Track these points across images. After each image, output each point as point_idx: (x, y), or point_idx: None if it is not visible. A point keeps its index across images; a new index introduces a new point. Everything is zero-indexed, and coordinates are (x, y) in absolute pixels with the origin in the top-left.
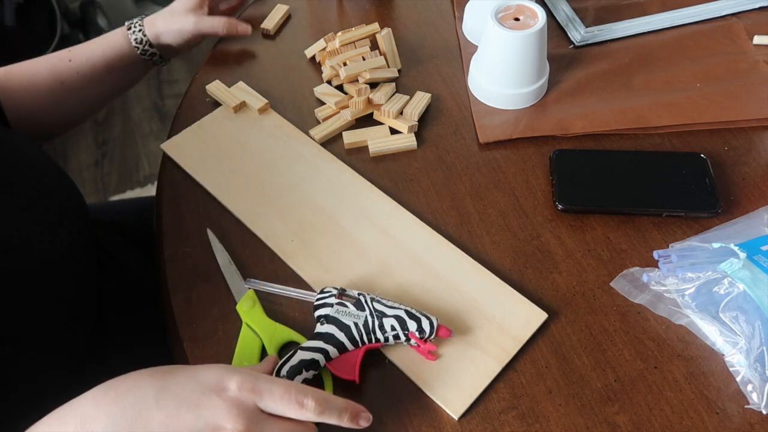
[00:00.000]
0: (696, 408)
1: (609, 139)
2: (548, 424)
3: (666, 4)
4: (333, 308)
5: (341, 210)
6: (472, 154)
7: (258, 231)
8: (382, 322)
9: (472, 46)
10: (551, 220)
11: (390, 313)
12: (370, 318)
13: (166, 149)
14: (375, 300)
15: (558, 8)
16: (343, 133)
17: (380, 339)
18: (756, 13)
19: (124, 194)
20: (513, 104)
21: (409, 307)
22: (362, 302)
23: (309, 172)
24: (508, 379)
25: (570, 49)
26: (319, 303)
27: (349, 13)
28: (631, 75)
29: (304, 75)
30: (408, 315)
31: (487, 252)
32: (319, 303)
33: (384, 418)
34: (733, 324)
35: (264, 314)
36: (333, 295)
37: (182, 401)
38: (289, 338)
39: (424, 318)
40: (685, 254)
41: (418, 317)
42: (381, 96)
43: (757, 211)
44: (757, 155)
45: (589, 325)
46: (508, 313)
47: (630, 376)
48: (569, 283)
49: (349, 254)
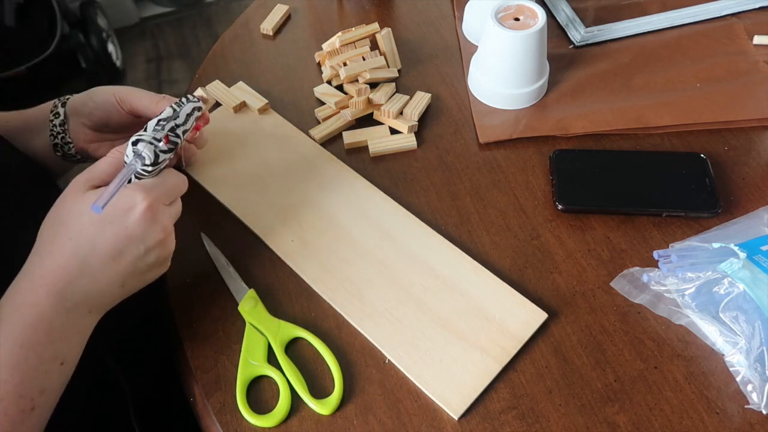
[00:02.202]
0: (696, 408)
1: (609, 139)
2: (548, 424)
3: (666, 4)
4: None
5: (341, 210)
6: (472, 154)
7: (258, 231)
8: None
9: (472, 46)
10: (551, 220)
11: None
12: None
13: None
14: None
15: (558, 8)
16: (343, 133)
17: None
18: (756, 13)
19: None
20: (513, 104)
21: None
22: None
23: (309, 172)
24: (508, 379)
25: (570, 49)
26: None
27: (349, 13)
28: (631, 75)
29: (304, 75)
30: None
31: (487, 252)
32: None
33: (384, 418)
34: (733, 324)
35: (267, 312)
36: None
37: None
38: (295, 334)
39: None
40: (685, 254)
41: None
42: (381, 96)
43: (757, 211)
44: (757, 155)
45: (589, 325)
46: (508, 313)
47: (630, 376)
48: (569, 283)
49: (349, 254)
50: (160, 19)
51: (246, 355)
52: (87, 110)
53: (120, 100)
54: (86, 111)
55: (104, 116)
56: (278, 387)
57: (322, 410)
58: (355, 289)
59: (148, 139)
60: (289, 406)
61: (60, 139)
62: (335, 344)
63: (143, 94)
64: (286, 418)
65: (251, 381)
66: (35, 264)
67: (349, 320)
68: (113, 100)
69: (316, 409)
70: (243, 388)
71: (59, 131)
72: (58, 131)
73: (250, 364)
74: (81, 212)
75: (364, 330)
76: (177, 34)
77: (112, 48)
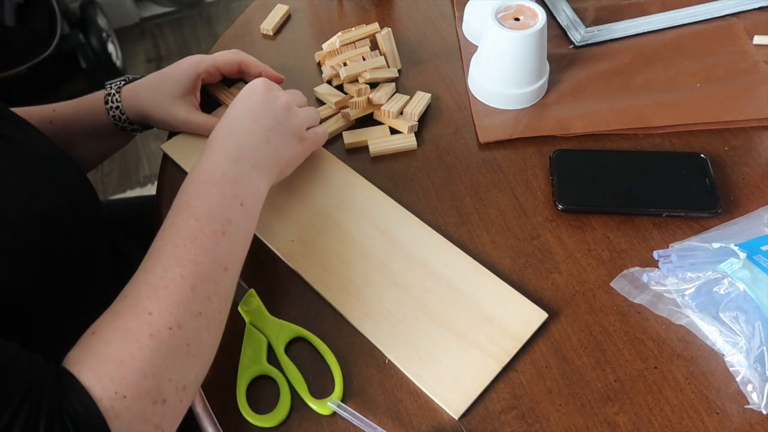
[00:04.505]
0: (696, 408)
1: (609, 139)
2: (548, 424)
3: (666, 4)
4: None
5: (341, 210)
6: (472, 154)
7: (258, 231)
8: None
9: (472, 46)
10: (551, 220)
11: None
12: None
13: (166, 149)
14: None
15: (558, 8)
16: (343, 133)
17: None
18: (756, 13)
19: (124, 194)
20: (513, 104)
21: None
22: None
23: (309, 172)
24: (508, 379)
25: (570, 49)
26: None
27: (349, 13)
28: (631, 75)
29: (304, 75)
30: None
31: (487, 252)
32: None
33: (384, 418)
34: (733, 324)
35: (267, 313)
36: None
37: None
38: (297, 333)
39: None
40: (685, 254)
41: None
42: (381, 96)
43: (757, 211)
44: (757, 155)
45: (589, 325)
46: (508, 313)
47: (630, 376)
48: (569, 283)
49: (349, 254)
50: (160, 19)
51: (246, 355)
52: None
53: (209, 74)
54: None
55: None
56: (278, 387)
57: (322, 410)
58: (355, 289)
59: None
60: (289, 406)
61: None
62: (335, 344)
63: (195, 124)
64: (286, 418)
65: (251, 381)
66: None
67: (349, 320)
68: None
69: (316, 409)
70: (243, 388)
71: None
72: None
73: (250, 364)
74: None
75: (364, 330)
76: (177, 34)
77: (112, 48)
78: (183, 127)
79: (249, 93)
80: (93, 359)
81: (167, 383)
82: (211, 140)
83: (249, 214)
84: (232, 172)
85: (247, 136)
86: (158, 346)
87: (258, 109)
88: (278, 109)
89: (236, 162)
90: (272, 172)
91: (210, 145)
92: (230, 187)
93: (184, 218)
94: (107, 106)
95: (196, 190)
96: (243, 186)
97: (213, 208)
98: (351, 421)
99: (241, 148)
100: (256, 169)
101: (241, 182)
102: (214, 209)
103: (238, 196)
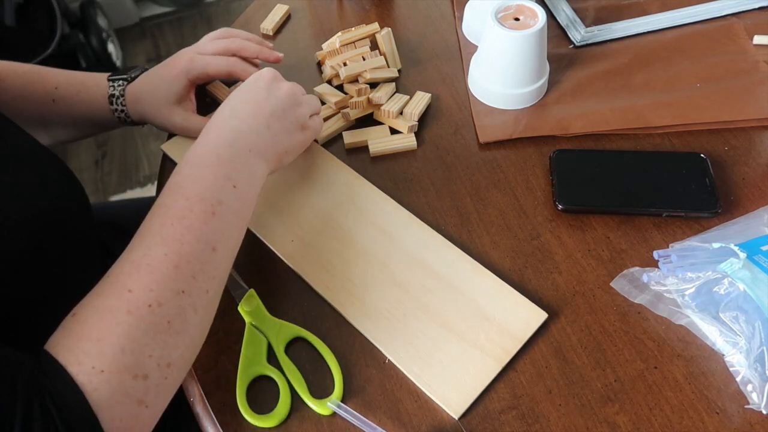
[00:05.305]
0: (696, 408)
1: (609, 139)
2: (548, 424)
3: (666, 4)
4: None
5: (341, 210)
6: (472, 154)
7: (258, 231)
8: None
9: (472, 46)
10: (551, 220)
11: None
12: None
13: (166, 149)
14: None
15: (558, 8)
16: (343, 133)
17: None
18: (756, 13)
19: (124, 194)
20: (513, 104)
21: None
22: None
23: (309, 172)
24: (508, 379)
25: (570, 49)
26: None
27: (349, 13)
28: (631, 75)
29: (304, 75)
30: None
31: (487, 252)
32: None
33: (384, 418)
34: (733, 324)
35: (267, 313)
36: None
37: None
38: (297, 334)
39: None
40: (685, 254)
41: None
42: (381, 96)
43: (757, 211)
44: (757, 155)
45: (589, 325)
46: (508, 313)
47: (630, 376)
48: (569, 283)
49: (349, 254)
50: (160, 19)
51: (246, 355)
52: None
53: (195, 78)
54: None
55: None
56: (278, 387)
57: (321, 410)
58: (355, 289)
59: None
60: (289, 406)
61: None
62: (335, 344)
63: (192, 126)
64: (286, 418)
65: (251, 381)
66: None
67: (349, 320)
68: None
69: (316, 409)
70: (243, 388)
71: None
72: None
73: (250, 364)
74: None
75: (364, 330)
76: (177, 34)
77: (112, 48)
78: (181, 132)
79: (255, 79)
80: (71, 338)
81: (147, 359)
82: (211, 122)
83: (242, 197)
84: (227, 155)
85: (248, 119)
86: (137, 322)
87: (262, 94)
88: (282, 96)
89: (232, 145)
90: (270, 158)
91: (208, 128)
92: (224, 169)
93: (175, 198)
94: (112, 107)
95: (190, 172)
96: (237, 169)
97: (204, 189)
98: (351, 421)
99: (239, 132)
100: (252, 153)
101: (235, 165)
102: (205, 190)
103: (231, 178)
